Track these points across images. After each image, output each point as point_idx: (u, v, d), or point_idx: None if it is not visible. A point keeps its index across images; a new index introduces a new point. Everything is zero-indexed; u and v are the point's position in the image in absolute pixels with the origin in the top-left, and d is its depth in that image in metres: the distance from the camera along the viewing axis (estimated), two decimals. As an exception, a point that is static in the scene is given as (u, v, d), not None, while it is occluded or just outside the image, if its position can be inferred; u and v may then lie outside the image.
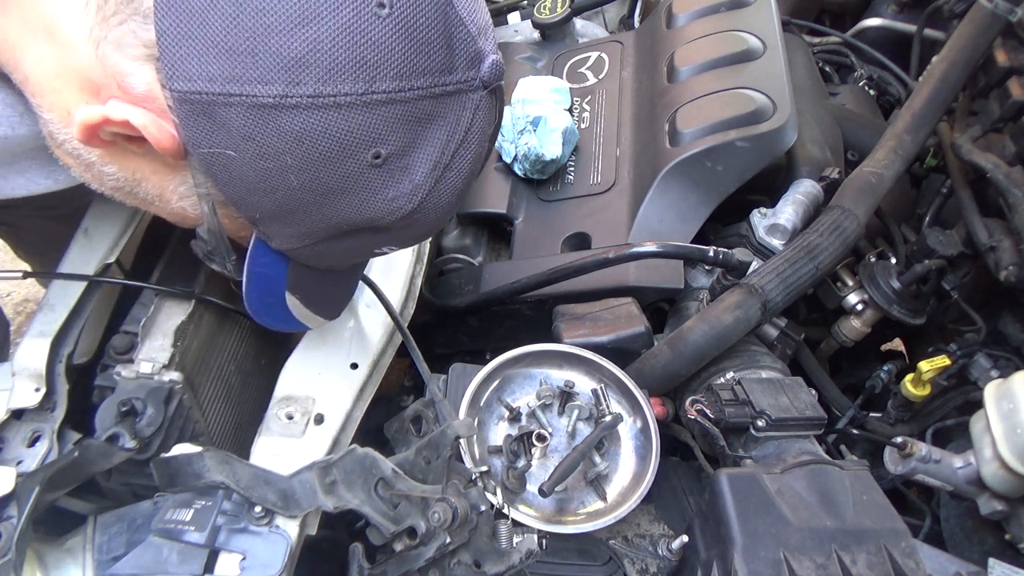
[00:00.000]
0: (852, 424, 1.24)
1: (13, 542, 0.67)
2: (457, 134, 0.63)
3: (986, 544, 1.12)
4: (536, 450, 0.93)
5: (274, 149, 0.59)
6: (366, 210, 0.64)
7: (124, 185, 0.69)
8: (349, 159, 0.60)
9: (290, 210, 0.64)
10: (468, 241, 1.40)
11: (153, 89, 0.58)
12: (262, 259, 0.72)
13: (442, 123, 0.62)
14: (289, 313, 0.79)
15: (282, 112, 0.57)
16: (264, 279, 0.74)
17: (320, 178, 0.61)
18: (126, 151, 0.64)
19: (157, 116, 0.59)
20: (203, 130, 0.59)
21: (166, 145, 0.60)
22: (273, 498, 0.76)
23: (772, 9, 1.39)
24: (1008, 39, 1.29)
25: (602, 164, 1.36)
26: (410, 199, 0.64)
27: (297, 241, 0.69)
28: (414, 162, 0.63)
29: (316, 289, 0.81)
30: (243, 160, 0.60)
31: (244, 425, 1.03)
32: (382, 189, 0.63)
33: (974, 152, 1.23)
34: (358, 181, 0.62)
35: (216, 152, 0.60)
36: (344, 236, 0.68)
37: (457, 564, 0.76)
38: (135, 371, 0.85)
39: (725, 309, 1.04)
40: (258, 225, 0.68)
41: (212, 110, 0.57)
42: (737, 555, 0.80)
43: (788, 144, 1.20)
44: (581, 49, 1.62)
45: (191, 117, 0.58)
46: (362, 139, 0.59)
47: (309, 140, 0.58)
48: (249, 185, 0.62)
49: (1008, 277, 1.14)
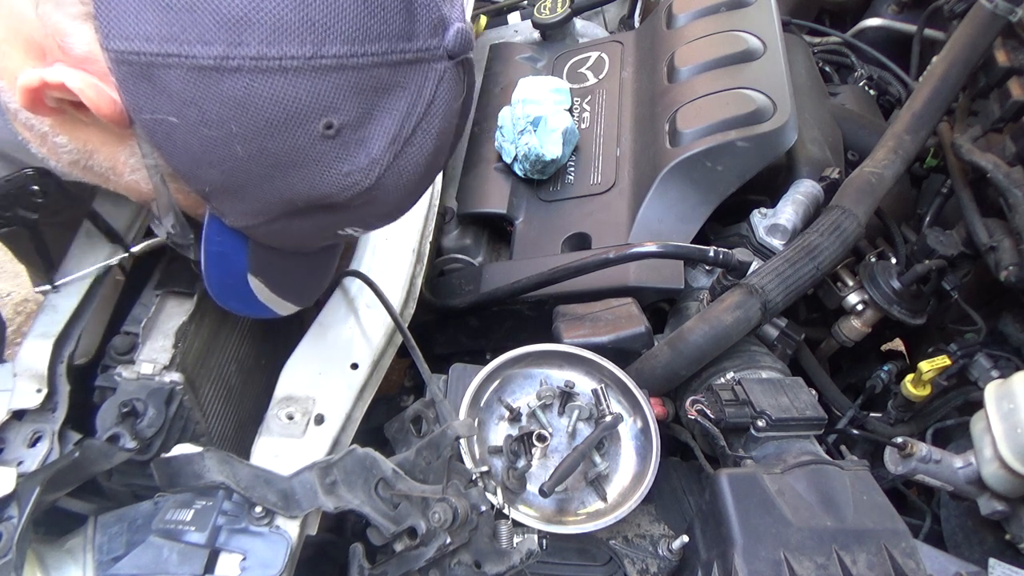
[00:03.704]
0: (852, 424, 1.24)
1: (14, 542, 0.67)
2: (418, 107, 0.60)
3: (986, 544, 1.12)
4: (536, 450, 0.93)
5: (217, 116, 0.55)
6: (320, 185, 0.61)
7: (79, 158, 0.66)
8: (298, 129, 0.57)
9: (239, 184, 0.61)
10: (468, 241, 1.40)
11: (94, 50, 0.55)
12: (217, 237, 0.68)
13: (401, 94, 0.59)
14: (254, 297, 0.75)
15: (224, 75, 0.54)
16: (223, 259, 0.71)
17: (268, 149, 0.58)
18: (75, 120, 0.61)
19: (100, 80, 0.56)
20: (143, 94, 0.56)
21: (106, 111, 0.57)
22: (273, 498, 0.77)
23: (772, 9, 1.39)
24: (1008, 39, 1.29)
25: (602, 164, 1.36)
26: (366, 174, 0.61)
27: (251, 218, 0.65)
28: (371, 135, 0.59)
29: (282, 273, 0.77)
30: (186, 127, 0.57)
31: (244, 425, 1.04)
32: (336, 163, 0.60)
33: (974, 152, 1.23)
34: (309, 153, 0.58)
35: (158, 119, 0.57)
36: (300, 214, 0.65)
37: (457, 564, 0.76)
38: (136, 372, 0.85)
39: (725, 309, 1.04)
40: (210, 200, 0.64)
41: (151, 72, 0.54)
42: (737, 555, 0.80)
43: (788, 144, 1.20)
44: (581, 49, 1.62)
45: (130, 80, 0.55)
46: (311, 107, 0.56)
47: (254, 107, 0.55)
48: (194, 155, 0.59)
49: (1008, 277, 1.14)
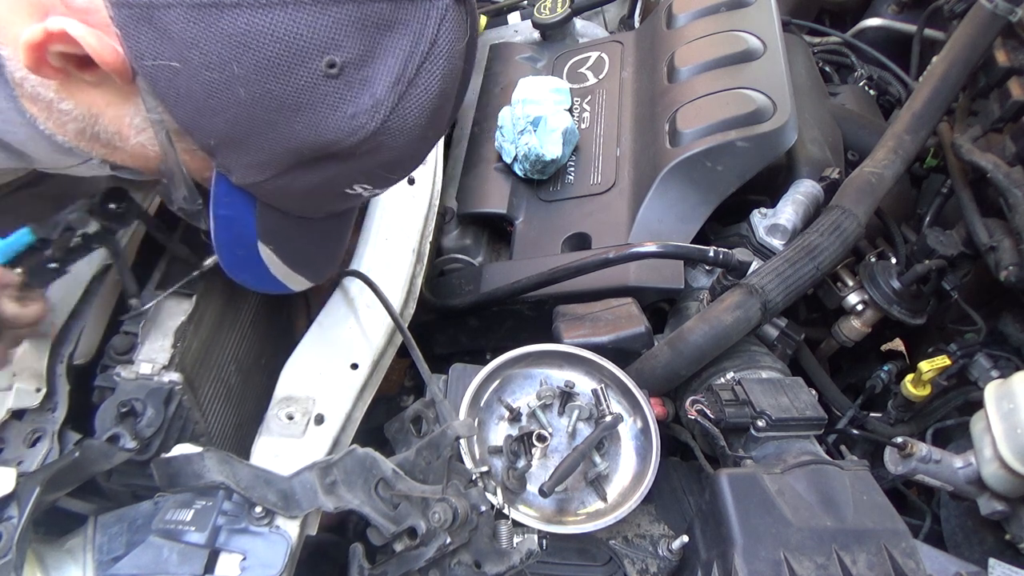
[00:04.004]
0: (852, 424, 1.24)
1: (14, 542, 0.67)
2: (421, 45, 0.59)
3: (986, 544, 1.12)
4: (536, 450, 0.93)
5: (218, 57, 0.55)
6: (325, 129, 0.60)
7: (84, 125, 0.65)
8: (300, 67, 0.56)
9: (244, 132, 0.60)
10: (468, 241, 1.40)
11: (94, 1, 0.56)
12: (225, 198, 0.68)
13: (403, 31, 0.58)
14: (266, 269, 0.75)
15: (224, 12, 0.54)
16: (231, 224, 0.70)
17: (271, 90, 0.57)
18: (80, 81, 0.61)
19: (100, 30, 0.57)
20: (145, 39, 0.56)
21: (108, 59, 0.57)
22: (273, 498, 0.77)
23: (772, 9, 1.39)
24: (1008, 39, 1.29)
25: (602, 164, 1.36)
26: (371, 116, 0.60)
27: (258, 173, 0.64)
28: (374, 74, 0.59)
29: (293, 241, 0.76)
30: (188, 72, 0.57)
31: (244, 425, 1.03)
32: (340, 104, 0.59)
33: (974, 152, 1.23)
34: (313, 94, 0.58)
35: (160, 64, 0.57)
36: (306, 165, 0.64)
37: (457, 564, 0.76)
38: (135, 372, 0.85)
39: (725, 309, 1.04)
40: (216, 156, 0.64)
41: (151, 14, 0.55)
42: (737, 555, 0.80)
43: (788, 144, 1.20)
44: (581, 49, 1.62)
45: (131, 24, 0.56)
46: (313, 44, 0.56)
47: (255, 44, 0.55)
48: (198, 103, 0.59)
49: (1008, 277, 1.14)
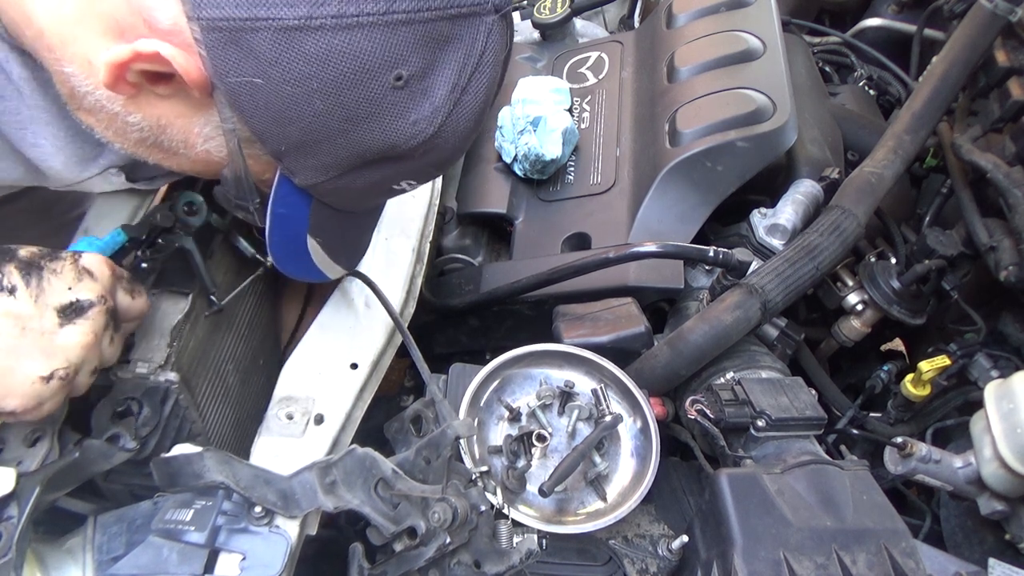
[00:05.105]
0: (852, 424, 1.24)
1: (13, 542, 0.67)
2: (472, 57, 0.65)
3: (986, 544, 1.12)
4: (536, 450, 0.93)
5: (300, 73, 0.60)
6: (389, 135, 0.66)
7: (148, 135, 0.69)
8: (372, 80, 0.62)
9: (315, 139, 0.65)
10: (468, 241, 1.40)
11: (179, 22, 0.59)
12: (286, 199, 0.73)
13: (459, 45, 0.64)
14: (310, 260, 0.81)
15: (307, 34, 0.58)
16: (286, 222, 0.75)
17: (344, 102, 0.62)
18: (150, 95, 0.65)
19: (183, 51, 0.60)
20: (231, 58, 0.60)
21: (194, 76, 0.61)
22: (273, 498, 0.76)
23: (772, 9, 1.39)
24: (1008, 39, 1.29)
25: (602, 164, 1.36)
26: (431, 122, 0.66)
27: (321, 174, 0.70)
28: (434, 84, 0.65)
29: (336, 234, 0.82)
30: (269, 87, 0.61)
31: (243, 425, 1.03)
32: (404, 112, 0.65)
33: (974, 152, 1.23)
34: (381, 104, 0.63)
35: (243, 81, 0.61)
36: (367, 166, 0.70)
37: (457, 564, 0.76)
38: (131, 371, 0.85)
39: (725, 309, 1.04)
40: (283, 160, 0.69)
41: (239, 36, 0.59)
42: (737, 555, 0.80)
43: (788, 144, 1.20)
44: (581, 49, 1.62)
45: (219, 46, 0.59)
46: (384, 60, 0.61)
47: (333, 62, 0.60)
48: (275, 114, 0.63)
49: (1008, 277, 1.14)
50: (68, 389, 0.67)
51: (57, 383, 0.65)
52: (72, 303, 0.67)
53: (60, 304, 0.66)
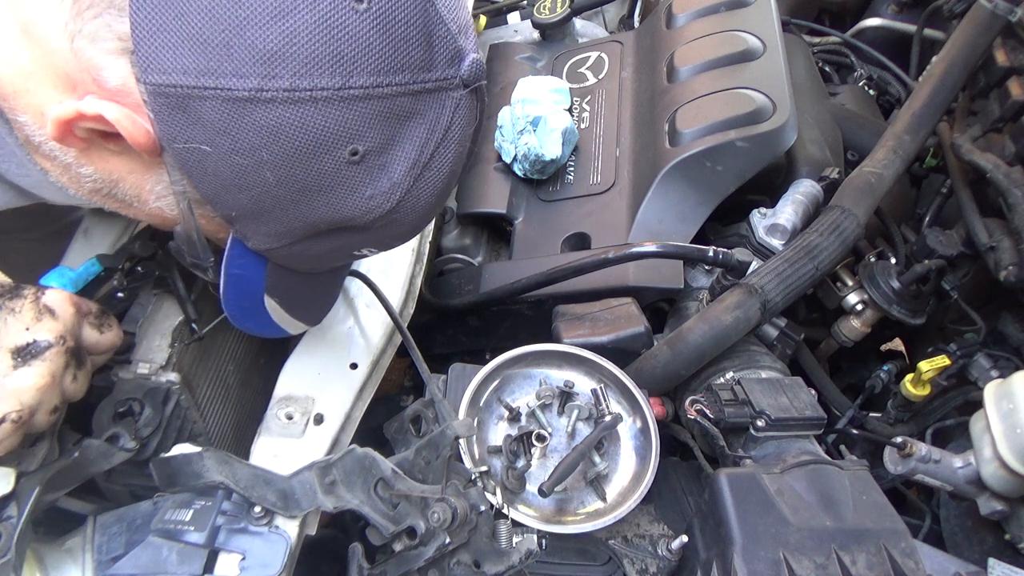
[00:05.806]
0: (852, 424, 1.24)
1: (13, 542, 0.67)
2: (436, 133, 0.63)
3: (986, 544, 1.12)
4: (536, 450, 0.93)
5: (249, 144, 0.58)
6: (343, 208, 0.63)
7: (102, 187, 0.68)
8: (326, 155, 0.59)
9: (266, 208, 0.63)
10: (468, 241, 1.40)
11: (128, 83, 0.58)
12: (239, 260, 0.71)
13: (421, 121, 0.62)
14: (269, 318, 0.78)
15: (257, 106, 0.56)
16: (241, 281, 0.73)
17: (296, 175, 0.60)
18: (102, 150, 0.63)
19: (132, 111, 0.58)
20: (178, 124, 0.58)
21: (140, 140, 0.59)
22: (273, 498, 0.76)
23: (772, 9, 1.39)
24: (1008, 39, 1.29)
25: (602, 164, 1.36)
26: (388, 198, 0.64)
27: (274, 241, 0.67)
28: (392, 160, 0.62)
29: (296, 293, 0.79)
30: (218, 155, 0.59)
31: (243, 425, 1.03)
32: (360, 187, 0.62)
33: (974, 152, 1.23)
34: (335, 178, 0.61)
35: (191, 147, 0.59)
36: (321, 236, 0.67)
37: (457, 564, 0.76)
38: (132, 372, 0.85)
39: (725, 309, 1.04)
40: (234, 224, 0.66)
41: (186, 103, 0.57)
42: (737, 555, 0.80)
43: (788, 144, 1.20)
44: (581, 49, 1.62)
45: (165, 111, 0.57)
46: (339, 135, 0.58)
47: (285, 135, 0.57)
48: (224, 182, 0.61)
49: (1008, 277, 1.14)
50: (24, 429, 0.66)
51: (10, 425, 0.64)
52: (27, 344, 0.65)
53: (15, 346, 0.65)
